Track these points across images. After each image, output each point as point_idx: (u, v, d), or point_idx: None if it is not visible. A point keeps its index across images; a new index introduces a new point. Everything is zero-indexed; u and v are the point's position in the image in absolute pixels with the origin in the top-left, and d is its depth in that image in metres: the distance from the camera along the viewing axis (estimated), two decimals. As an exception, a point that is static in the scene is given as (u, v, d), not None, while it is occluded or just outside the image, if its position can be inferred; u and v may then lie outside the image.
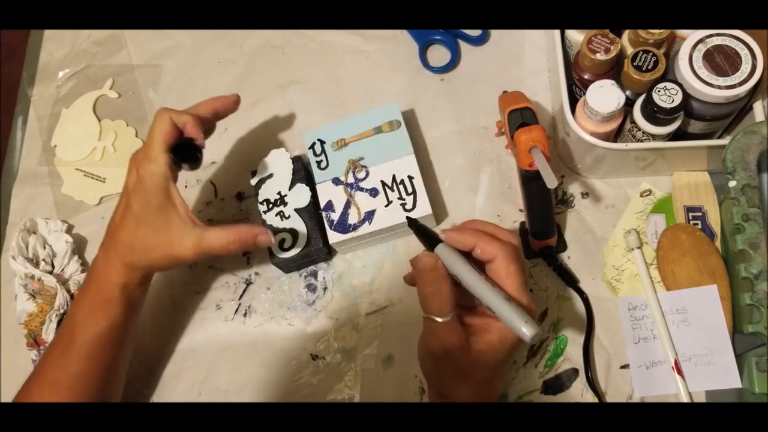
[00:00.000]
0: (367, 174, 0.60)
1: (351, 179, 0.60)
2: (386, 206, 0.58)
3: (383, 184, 0.59)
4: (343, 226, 0.58)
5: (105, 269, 0.50)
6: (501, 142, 0.64)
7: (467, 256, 0.44)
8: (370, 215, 0.58)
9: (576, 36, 0.59)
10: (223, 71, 0.72)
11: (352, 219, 0.59)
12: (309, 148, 0.61)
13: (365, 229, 0.58)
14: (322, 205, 0.60)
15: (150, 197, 0.49)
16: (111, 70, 0.73)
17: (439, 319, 0.42)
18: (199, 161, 0.54)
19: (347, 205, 0.59)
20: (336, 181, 0.60)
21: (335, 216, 0.59)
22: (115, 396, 0.53)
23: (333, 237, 0.58)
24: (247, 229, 0.51)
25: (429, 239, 0.46)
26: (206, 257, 0.50)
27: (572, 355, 0.56)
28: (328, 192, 0.60)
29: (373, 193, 0.59)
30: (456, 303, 0.43)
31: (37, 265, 0.62)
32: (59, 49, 0.75)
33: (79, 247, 0.65)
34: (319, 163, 0.61)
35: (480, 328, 0.43)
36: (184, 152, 0.52)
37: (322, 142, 0.61)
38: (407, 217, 0.50)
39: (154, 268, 0.52)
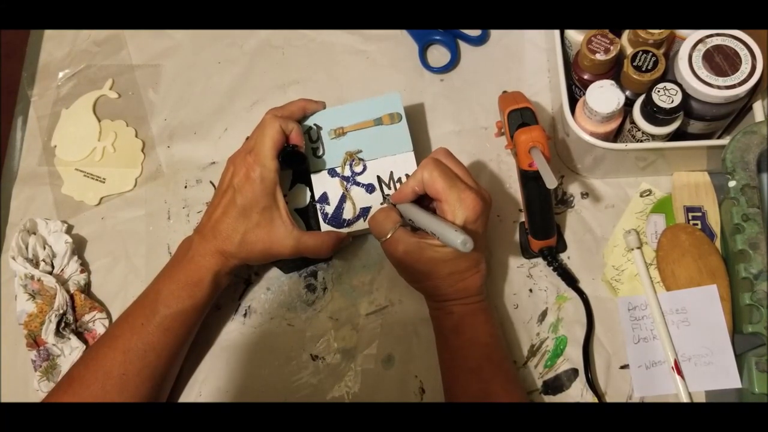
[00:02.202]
0: (365, 168, 0.59)
1: (348, 172, 0.60)
2: (382, 203, 0.58)
3: (380, 180, 0.59)
4: (337, 221, 0.58)
5: (200, 254, 0.54)
6: (501, 142, 0.64)
7: (426, 207, 0.53)
8: (365, 212, 0.58)
9: (576, 36, 0.59)
10: (223, 71, 0.72)
11: (347, 214, 0.58)
12: (305, 133, 0.60)
13: (360, 225, 0.58)
14: (317, 196, 0.59)
15: (259, 198, 0.53)
16: (111, 70, 0.73)
17: (382, 239, 0.52)
18: (303, 166, 0.58)
19: (342, 199, 0.59)
20: (332, 173, 0.60)
21: (330, 209, 0.59)
22: (175, 371, 0.57)
23: (325, 230, 0.58)
24: (335, 234, 0.57)
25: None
26: (297, 256, 0.56)
27: (572, 355, 0.56)
28: (323, 183, 0.59)
29: (370, 189, 0.59)
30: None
31: (36, 265, 0.62)
32: (59, 49, 0.75)
33: (78, 247, 0.65)
34: (315, 150, 0.60)
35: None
36: (291, 159, 0.55)
37: (318, 128, 0.60)
38: (384, 195, 0.58)
39: (250, 260, 0.56)
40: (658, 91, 0.50)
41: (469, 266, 0.52)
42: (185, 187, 0.67)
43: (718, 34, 0.51)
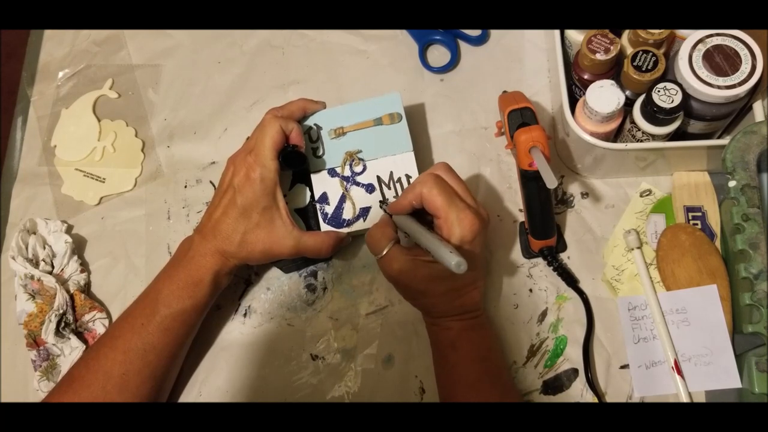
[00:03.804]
0: (365, 168, 0.59)
1: (348, 172, 0.60)
2: (381, 206, 0.58)
3: (379, 180, 0.59)
4: (337, 221, 0.58)
5: (200, 254, 0.54)
6: (501, 142, 0.64)
7: (424, 219, 0.52)
8: (365, 212, 0.58)
9: (576, 36, 0.59)
10: (223, 71, 0.72)
11: (347, 214, 0.58)
12: (305, 133, 0.60)
13: (359, 225, 0.58)
14: (316, 196, 0.59)
15: (259, 198, 0.53)
16: (111, 70, 0.73)
17: (377, 256, 0.52)
18: (303, 166, 0.58)
19: (342, 199, 0.59)
20: (332, 173, 0.60)
21: (329, 209, 0.59)
22: (176, 371, 0.57)
23: (325, 230, 0.58)
24: (335, 234, 0.57)
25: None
26: (297, 256, 0.56)
27: (572, 355, 0.56)
28: (323, 183, 0.59)
29: (370, 189, 0.59)
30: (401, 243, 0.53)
31: (36, 265, 0.62)
32: (59, 49, 0.75)
33: (78, 247, 0.65)
34: (314, 150, 0.60)
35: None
36: (291, 159, 0.56)
37: (318, 128, 0.60)
38: (380, 202, 0.56)
39: (250, 260, 0.56)
40: (658, 91, 0.50)
41: (466, 284, 0.51)
42: (185, 186, 0.67)
43: (718, 34, 0.51)
